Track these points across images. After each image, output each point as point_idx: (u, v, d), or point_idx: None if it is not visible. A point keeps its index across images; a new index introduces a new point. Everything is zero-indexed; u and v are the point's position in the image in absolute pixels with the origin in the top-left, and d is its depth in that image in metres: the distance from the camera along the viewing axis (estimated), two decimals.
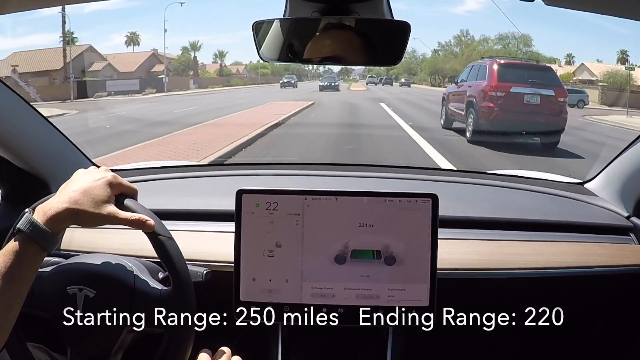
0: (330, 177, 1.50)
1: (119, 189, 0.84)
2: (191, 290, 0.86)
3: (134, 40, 35.67)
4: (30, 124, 1.23)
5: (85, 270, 0.89)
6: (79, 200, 0.78)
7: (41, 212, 0.78)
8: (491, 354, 1.33)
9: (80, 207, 0.78)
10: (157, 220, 0.85)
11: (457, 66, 31.27)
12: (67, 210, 0.78)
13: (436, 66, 36.08)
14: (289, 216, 1.00)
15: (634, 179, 1.30)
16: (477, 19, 57.54)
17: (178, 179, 1.49)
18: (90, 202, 0.79)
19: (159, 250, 0.85)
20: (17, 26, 31.94)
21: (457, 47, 37.35)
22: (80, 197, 0.79)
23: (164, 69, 30.02)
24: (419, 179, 1.50)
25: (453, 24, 57.20)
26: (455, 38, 38.43)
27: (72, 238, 1.15)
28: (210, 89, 30.22)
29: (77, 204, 0.78)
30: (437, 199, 1.00)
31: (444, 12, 57.73)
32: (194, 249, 1.08)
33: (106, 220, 0.80)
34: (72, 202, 0.78)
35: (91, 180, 0.81)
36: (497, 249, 1.16)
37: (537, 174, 1.63)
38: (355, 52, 0.99)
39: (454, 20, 53.74)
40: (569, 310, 1.06)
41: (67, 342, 0.89)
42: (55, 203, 0.78)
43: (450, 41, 38.58)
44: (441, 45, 38.95)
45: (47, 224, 0.77)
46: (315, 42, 0.99)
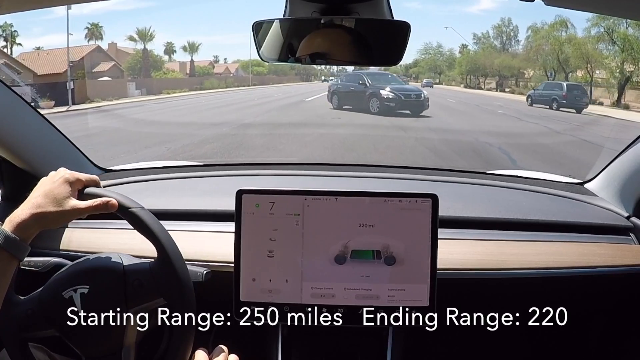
0: (330, 177, 1.50)
1: (79, 184, 0.87)
2: (179, 259, 0.86)
3: (96, 33, 26.35)
4: (30, 124, 1.23)
5: (75, 271, 0.90)
6: (42, 203, 0.82)
7: (8, 222, 0.81)
8: (490, 353, 1.33)
9: (44, 209, 0.82)
10: (123, 196, 0.87)
11: (512, 62, 25.58)
12: (32, 215, 0.81)
13: (476, 63, 28.54)
14: (289, 216, 1.00)
15: (634, 179, 1.30)
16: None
17: (178, 179, 1.49)
18: (52, 203, 0.82)
19: (134, 224, 0.86)
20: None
21: (497, 39, 29.48)
22: (42, 200, 0.82)
23: (111, 67, 23.18)
24: (419, 179, 1.50)
25: (491, 15, 48.58)
26: (495, 29, 29.75)
27: (71, 238, 1.15)
28: (166, 94, 21.61)
29: (40, 207, 0.82)
30: (437, 199, 1.00)
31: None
32: (194, 249, 1.08)
33: (71, 215, 0.84)
34: (35, 206, 0.82)
35: (50, 182, 0.85)
36: (497, 249, 1.16)
37: (537, 174, 1.63)
38: (355, 52, 0.99)
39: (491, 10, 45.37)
40: (569, 310, 1.06)
41: (78, 346, 0.89)
42: (20, 211, 0.82)
43: (489, 32, 30.13)
44: (477, 38, 30.58)
45: (15, 232, 0.80)
46: (314, 42, 0.99)
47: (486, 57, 27.98)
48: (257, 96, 19.88)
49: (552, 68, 22.69)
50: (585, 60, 20.09)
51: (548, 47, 22.82)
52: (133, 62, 25.34)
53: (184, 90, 23.48)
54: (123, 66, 24.68)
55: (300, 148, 7.87)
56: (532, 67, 24.88)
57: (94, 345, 0.87)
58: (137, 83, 22.78)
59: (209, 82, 26.17)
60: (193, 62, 28.42)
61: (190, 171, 1.61)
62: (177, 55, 29.11)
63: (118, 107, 16.06)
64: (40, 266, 0.98)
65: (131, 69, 25.11)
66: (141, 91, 21.86)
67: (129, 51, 26.15)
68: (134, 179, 1.44)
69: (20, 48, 24.21)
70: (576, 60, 20.73)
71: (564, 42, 21.72)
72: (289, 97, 18.86)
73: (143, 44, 25.83)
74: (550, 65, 22.84)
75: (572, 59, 21.14)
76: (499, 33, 29.64)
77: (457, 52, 31.39)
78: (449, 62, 31.81)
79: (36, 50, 23.17)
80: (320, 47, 0.97)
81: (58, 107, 15.41)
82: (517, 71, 26.06)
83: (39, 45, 26.19)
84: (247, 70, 30.99)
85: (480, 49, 29.91)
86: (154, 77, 24.81)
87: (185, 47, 28.43)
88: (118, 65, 23.96)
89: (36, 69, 20.79)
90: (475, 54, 29.57)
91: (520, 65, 25.88)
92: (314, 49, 0.97)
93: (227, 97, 19.63)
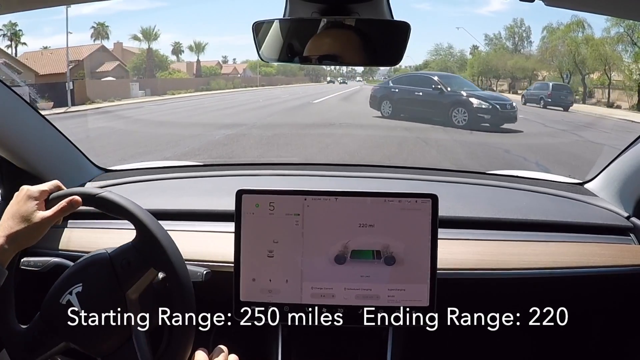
0: (330, 177, 1.50)
1: (44, 194, 0.88)
2: (159, 227, 0.87)
3: (102, 33, 25.63)
4: (30, 124, 1.23)
5: (66, 276, 0.90)
6: (11, 225, 0.83)
7: None
8: (491, 354, 1.33)
9: (14, 229, 0.83)
10: (86, 188, 0.90)
11: (526, 64, 24.86)
12: (4, 238, 0.82)
13: (488, 64, 27.47)
14: (288, 216, 1.00)
15: (634, 179, 1.30)
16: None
17: (178, 179, 1.49)
18: (20, 222, 0.84)
19: (105, 208, 0.87)
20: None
21: (510, 40, 28.75)
22: (11, 222, 0.84)
23: (115, 66, 22.57)
24: (419, 179, 1.50)
25: (502, 16, 47.29)
26: (507, 29, 28.99)
27: (70, 238, 1.15)
28: (170, 95, 21.06)
29: (10, 229, 0.83)
30: (437, 199, 1.00)
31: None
32: (194, 249, 1.08)
33: (42, 227, 0.85)
34: (6, 229, 0.83)
35: (15, 203, 0.86)
36: (497, 249, 1.16)
37: (537, 174, 1.63)
38: (355, 52, 0.99)
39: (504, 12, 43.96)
40: (570, 310, 1.06)
41: (90, 348, 0.88)
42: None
43: (501, 33, 29.33)
44: (489, 39, 29.72)
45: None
46: (315, 42, 0.99)
47: (498, 58, 27.07)
48: (263, 97, 19.03)
49: (567, 70, 21.85)
50: (603, 61, 19.35)
51: (564, 48, 21.99)
52: (138, 62, 24.79)
53: (189, 91, 22.81)
54: (128, 66, 24.20)
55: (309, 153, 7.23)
56: (547, 68, 24.06)
57: (104, 340, 0.86)
58: (140, 83, 22.20)
59: (216, 83, 25.51)
60: (199, 62, 27.69)
61: (190, 171, 1.61)
62: (184, 56, 28.52)
63: (115, 108, 15.31)
64: (40, 266, 0.98)
65: (136, 69, 24.50)
66: (145, 92, 21.24)
67: (135, 51, 25.60)
68: (133, 179, 1.44)
69: (25, 47, 23.91)
70: (593, 61, 19.94)
71: (580, 43, 20.98)
72: (296, 98, 17.97)
73: (147, 43, 25.10)
74: (566, 67, 21.97)
75: (589, 60, 20.31)
76: (511, 34, 28.73)
77: (468, 54, 30.37)
78: (460, 63, 30.57)
79: (43, 49, 22.75)
80: (334, 49, 0.98)
81: (56, 109, 14.92)
82: (530, 73, 25.29)
83: (47, 45, 25.57)
84: (255, 71, 30.29)
85: (492, 50, 29.00)
86: (158, 78, 24.24)
87: (191, 46, 27.79)
88: (122, 65, 23.50)
89: (38, 69, 20.50)
90: (487, 55, 28.66)
91: (534, 66, 25.14)
92: (326, 51, 0.98)
93: (230, 99, 18.77)
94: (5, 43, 23.75)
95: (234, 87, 25.77)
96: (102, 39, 25.43)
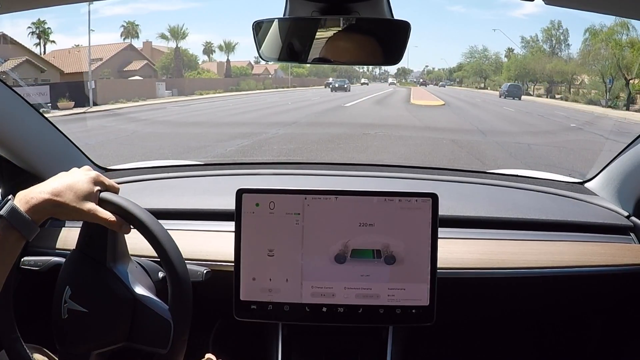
0: (330, 176, 1.50)
1: (102, 187, 0.85)
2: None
3: (132, 31, 25.42)
4: (30, 123, 1.23)
5: (54, 296, 0.87)
6: (62, 192, 0.80)
7: (23, 200, 0.78)
8: (490, 353, 1.33)
9: (62, 199, 0.79)
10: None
11: (566, 67, 23.73)
12: (48, 200, 0.79)
13: (525, 67, 26.41)
14: (289, 216, 1.00)
15: (634, 179, 1.30)
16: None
17: (178, 178, 1.49)
18: (72, 196, 0.80)
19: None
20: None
21: (547, 43, 28.04)
22: (63, 189, 0.80)
23: (143, 65, 21.84)
24: (419, 179, 1.50)
25: (539, 18, 43.72)
26: (544, 32, 28.28)
27: (68, 237, 1.15)
28: (198, 95, 20.79)
29: (59, 196, 0.79)
30: (437, 198, 1.00)
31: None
32: (194, 249, 1.08)
33: (86, 216, 0.82)
34: (55, 193, 0.79)
35: (76, 176, 0.83)
36: (497, 249, 1.16)
37: (537, 174, 1.63)
38: (355, 52, 0.99)
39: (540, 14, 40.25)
40: (569, 310, 1.06)
41: (118, 330, 0.85)
42: (37, 192, 0.79)
43: (537, 36, 28.74)
44: (525, 41, 29.05)
45: (29, 212, 0.78)
46: (315, 42, 0.99)
47: (536, 61, 26.35)
48: (292, 99, 18.09)
49: (610, 74, 20.77)
50: None
51: (607, 51, 21.14)
52: (166, 61, 24.71)
53: (218, 91, 22.60)
54: (156, 65, 23.95)
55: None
56: (588, 72, 23.19)
57: (119, 317, 0.84)
58: (168, 83, 21.93)
59: (245, 83, 25.41)
60: (229, 61, 27.63)
61: (190, 170, 1.61)
62: (216, 56, 28.41)
63: (137, 109, 14.76)
64: (40, 266, 0.98)
65: (164, 68, 24.33)
66: (172, 92, 20.95)
67: (164, 50, 25.41)
68: (133, 179, 1.44)
69: (54, 46, 23.71)
70: (639, 66, 19.03)
71: (625, 46, 20.34)
72: (328, 100, 16.92)
73: (175, 42, 25.02)
74: (609, 71, 20.86)
75: (635, 64, 19.35)
76: (549, 36, 28.27)
77: (504, 56, 29.89)
78: (495, 66, 30.27)
79: (73, 47, 22.71)
80: (334, 49, 0.98)
81: (77, 108, 14.85)
82: (569, 77, 24.59)
83: (78, 43, 25.35)
84: (287, 72, 29.96)
85: (528, 52, 28.23)
86: (186, 77, 23.96)
87: (221, 46, 27.80)
88: (151, 64, 23.24)
89: (64, 67, 20.33)
90: (524, 58, 27.87)
91: (574, 70, 24.37)
92: (327, 51, 0.98)
93: (258, 100, 17.88)
94: (34, 41, 23.56)
95: (264, 88, 25.38)
96: (132, 38, 25.55)
